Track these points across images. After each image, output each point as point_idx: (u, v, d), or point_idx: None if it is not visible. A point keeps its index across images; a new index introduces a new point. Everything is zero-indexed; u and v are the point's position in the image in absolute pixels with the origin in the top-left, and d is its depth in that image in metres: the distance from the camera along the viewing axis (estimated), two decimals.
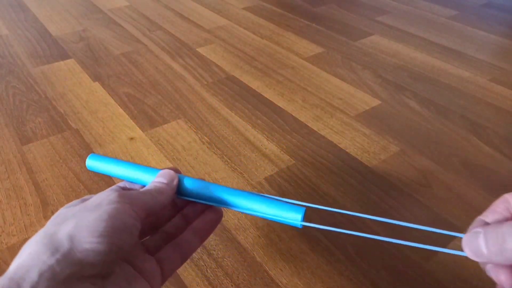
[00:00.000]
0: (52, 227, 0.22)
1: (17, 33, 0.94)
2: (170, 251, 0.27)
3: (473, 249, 0.20)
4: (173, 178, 0.28)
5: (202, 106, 0.68)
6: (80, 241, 0.20)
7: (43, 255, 0.19)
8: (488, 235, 0.20)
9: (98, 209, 0.22)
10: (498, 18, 1.05)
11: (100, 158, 0.31)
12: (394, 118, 0.66)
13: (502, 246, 0.19)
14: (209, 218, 0.30)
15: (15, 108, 0.67)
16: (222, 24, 1.00)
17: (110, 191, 0.24)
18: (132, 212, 0.23)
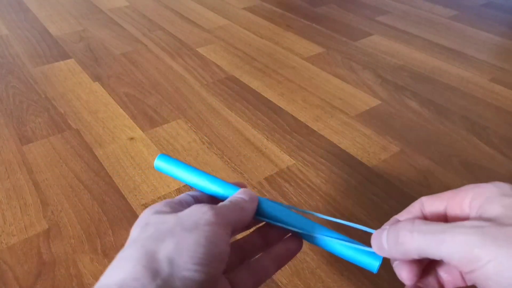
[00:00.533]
0: (150, 243, 0.20)
1: (17, 33, 0.94)
2: (245, 275, 0.26)
3: (377, 244, 0.22)
4: (255, 198, 0.26)
5: (202, 106, 0.68)
6: (179, 266, 0.19)
7: (144, 279, 0.19)
8: (389, 232, 0.21)
9: (196, 230, 0.21)
10: (498, 18, 1.05)
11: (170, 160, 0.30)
12: (394, 118, 0.66)
13: (397, 240, 0.20)
14: (290, 245, 0.28)
15: (15, 108, 0.67)
16: (222, 24, 1.00)
17: (206, 209, 0.22)
18: (226, 236, 0.22)
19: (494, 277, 0.16)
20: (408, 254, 0.19)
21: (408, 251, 0.19)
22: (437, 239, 0.18)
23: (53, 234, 0.46)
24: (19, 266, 0.43)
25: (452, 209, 0.21)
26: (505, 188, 0.20)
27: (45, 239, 0.45)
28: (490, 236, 0.17)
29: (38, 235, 0.46)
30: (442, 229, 0.18)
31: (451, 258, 0.18)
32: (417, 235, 0.19)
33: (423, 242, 0.19)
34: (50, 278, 0.41)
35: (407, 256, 0.20)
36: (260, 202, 0.27)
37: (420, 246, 0.19)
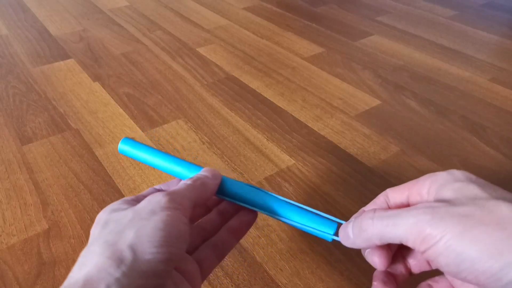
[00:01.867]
0: (111, 237, 0.21)
1: (17, 33, 0.94)
2: (208, 251, 0.27)
3: (343, 234, 0.23)
4: (217, 175, 0.28)
5: (202, 106, 0.68)
6: (142, 252, 0.20)
7: (109, 268, 0.19)
8: (354, 221, 0.22)
9: (153, 217, 0.22)
10: (498, 18, 1.05)
11: (134, 144, 0.30)
12: (394, 118, 0.66)
13: (360, 228, 0.21)
14: (244, 218, 0.30)
15: (15, 108, 0.67)
16: (222, 24, 1.00)
17: (160, 196, 0.23)
18: (184, 217, 0.23)
19: (445, 252, 0.18)
20: (370, 240, 0.21)
21: (370, 237, 0.21)
22: (393, 222, 0.20)
23: (53, 234, 0.46)
24: (19, 266, 0.43)
25: (413, 198, 0.23)
26: (458, 174, 0.21)
27: (45, 239, 0.45)
28: (439, 215, 0.18)
29: (38, 235, 0.46)
30: (397, 213, 0.20)
31: (407, 238, 0.19)
32: (377, 221, 0.20)
33: (381, 227, 0.20)
34: (50, 278, 0.41)
35: (369, 242, 0.21)
36: (223, 181, 0.28)
37: (380, 231, 0.20)
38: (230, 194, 0.29)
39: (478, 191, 0.19)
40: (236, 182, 0.29)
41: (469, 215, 0.18)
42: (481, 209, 0.18)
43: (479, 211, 0.18)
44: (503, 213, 0.18)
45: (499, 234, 0.17)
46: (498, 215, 0.18)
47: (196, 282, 0.25)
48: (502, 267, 0.17)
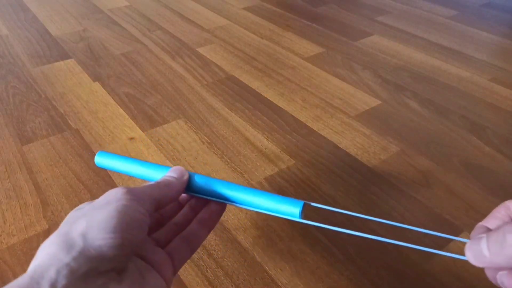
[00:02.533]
0: (65, 228, 0.22)
1: (17, 33, 0.94)
2: (179, 243, 0.28)
3: (475, 253, 0.20)
4: (184, 174, 0.29)
5: (202, 106, 0.68)
6: (93, 238, 0.21)
7: (59, 254, 0.20)
8: (489, 238, 0.19)
9: (107, 207, 0.23)
10: (498, 18, 1.05)
11: (109, 155, 0.32)
12: (394, 118, 0.66)
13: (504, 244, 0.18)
14: (213, 208, 0.31)
15: (15, 108, 0.67)
16: (222, 24, 1.00)
17: (118, 189, 0.24)
18: (140, 207, 0.24)
19: None
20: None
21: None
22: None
23: None
24: (19, 266, 0.43)
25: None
26: None
27: (45, 239, 0.45)
28: None
29: (38, 235, 0.46)
30: None
31: None
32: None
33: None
34: None
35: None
36: (191, 178, 0.30)
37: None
38: (198, 191, 0.30)
39: None
40: (203, 177, 0.30)
41: None
42: None
43: None
44: None
45: None
46: None
47: (166, 272, 0.26)
48: None
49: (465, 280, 0.42)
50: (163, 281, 0.25)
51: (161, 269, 0.26)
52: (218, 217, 0.31)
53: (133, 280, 0.23)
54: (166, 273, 0.26)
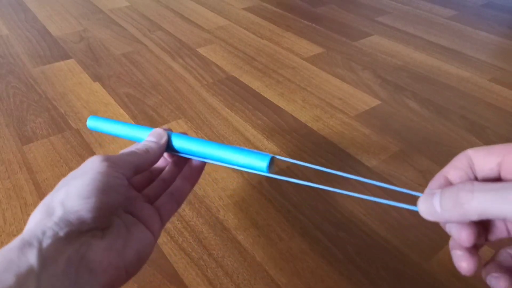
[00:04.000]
0: (48, 198, 0.25)
1: (17, 33, 0.94)
2: (166, 198, 0.31)
3: (426, 207, 0.21)
4: (162, 136, 0.31)
5: (202, 106, 0.68)
6: (70, 205, 0.24)
7: (43, 220, 0.23)
8: (443, 194, 0.20)
9: (84, 176, 0.25)
10: (498, 18, 1.05)
11: (100, 119, 0.36)
12: (394, 118, 0.66)
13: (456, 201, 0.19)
14: (194, 165, 0.33)
15: (15, 108, 0.67)
16: (222, 24, 1.00)
17: (95, 157, 0.27)
18: (115, 173, 0.26)
19: None
20: (467, 215, 0.19)
21: (467, 212, 0.19)
22: (501, 197, 0.17)
23: None
24: None
25: (510, 166, 0.20)
26: None
27: None
28: None
29: None
30: (506, 187, 0.18)
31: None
32: (479, 194, 0.18)
33: (485, 201, 0.18)
34: None
35: (465, 217, 0.19)
36: (170, 139, 0.32)
37: (482, 206, 0.18)
38: (177, 150, 0.32)
39: None
40: (181, 137, 0.32)
41: None
42: None
43: None
44: None
45: None
46: None
47: (153, 225, 0.28)
48: None
49: (465, 280, 0.42)
50: (149, 232, 0.28)
51: (148, 223, 0.28)
52: (200, 172, 0.34)
53: (118, 234, 0.25)
54: (154, 226, 0.28)
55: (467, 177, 0.22)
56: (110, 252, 0.24)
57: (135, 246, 0.26)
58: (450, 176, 0.23)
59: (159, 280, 0.41)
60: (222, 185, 0.53)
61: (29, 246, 0.22)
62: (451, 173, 0.23)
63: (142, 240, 0.27)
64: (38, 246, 0.22)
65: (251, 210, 0.49)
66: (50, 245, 0.22)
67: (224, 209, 0.49)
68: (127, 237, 0.26)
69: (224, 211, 0.49)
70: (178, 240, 0.45)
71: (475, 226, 0.20)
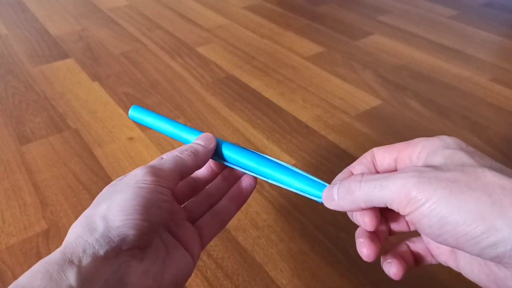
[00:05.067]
0: (89, 211, 0.24)
1: (16, 32, 0.93)
2: (210, 219, 0.29)
3: (327, 196, 0.24)
4: (211, 141, 0.30)
5: (202, 106, 0.68)
6: (112, 220, 0.23)
7: (85, 235, 0.22)
8: (341, 183, 0.23)
9: (127, 190, 0.24)
10: (499, 18, 1.04)
11: (144, 111, 0.34)
12: (395, 118, 0.66)
13: (347, 191, 0.22)
14: (244, 185, 0.31)
15: (14, 108, 0.67)
16: (222, 23, 1.00)
17: (139, 170, 0.25)
18: (159, 187, 0.24)
19: (429, 215, 0.18)
20: (356, 203, 0.21)
21: (356, 200, 0.21)
22: (380, 185, 0.20)
23: (52, 234, 0.46)
24: (18, 267, 0.42)
25: (402, 161, 0.23)
26: (449, 141, 0.21)
27: (44, 239, 0.45)
28: (426, 179, 0.19)
29: (37, 235, 0.46)
30: (385, 176, 0.20)
31: (392, 201, 0.19)
32: (364, 184, 0.21)
33: (368, 190, 0.20)
34: None
35: (355, 204, 0.22)
36: (219, 145, 0.30)
37: (366, 194, 0.21)
38: (226, 159, 0.30)
39: (467, 159, 0.20)
40: (231, 146, 0.30)
41: (455, 180, 0.18)
42: (468, 175, 0.19)
43: (465, 177, 0.19)
44: (489, 180, 0.18)
45: (484, 199, 0.18)
46: (484, 182, 0.18)
47: (193, 248, 0.27)
48: (484, 231, 0.17)
49: (465, 280, 0.42)
50: (190, 257, 0.26)
51: (189, 245, 0.26)
52: (248, 194, 0.31)
53: (157, 256, 0.24)
54: (194, 249, 0.27)
55: (368, 171, 0.24)
56: (148, 276, 0.23)
57: (174, 271, 0.25)
58: (355, 170, 0.25)
59: None
60: None
61: (70, 264, 0.21)
62: (356, 168, 0.25)
63: (182, 265, 0.25)
64: (78, 264, 0.21)
65: (251, 210, 0.49)
66: (89, 264, 0.21)
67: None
68: (165, 260, 0.25)
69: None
70: None
71: (377, 214, 0.23)
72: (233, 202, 0.30)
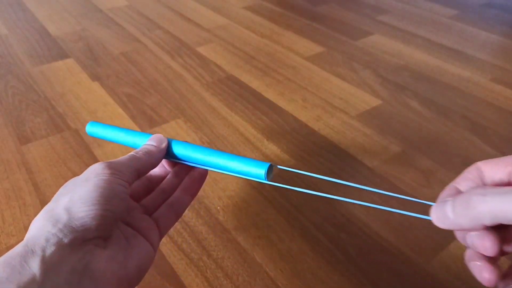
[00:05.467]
0: (51, 204, 0.25)
1: (16, 32, 0.93)
2: (165, 210, 0.31)
3: (439, 215, 0.21)
4: (162, 141, 0.31)
5: (202, 106, 0.68)
6: (75, 211, 0.23)
7: (47, 226, 0.23)
8: (457, 199, 0.20)
9: (87, 182, 0.25)
10: (499, 18, 1.04)
11: (99, 125, 0.35)
12: (395, 118, 0.66)
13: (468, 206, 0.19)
14: (196, 175, 0.33)
15: (14, 108, 0.67)
16: (222, 23, 1.00)
17: (97, 165, 0.26)
18: (118, 179, 0.26)
19: None
20: (479, 219, 0.19)
21: (480, 215, 0.19)
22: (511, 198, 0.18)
23: None
24: None
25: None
26: None
27: None
28: None
29: None
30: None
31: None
32: (491, 198, 0.18)
33: (497, 203, 0.18)
34: None
35: (478, 221, 0.19)
36: (170, 145, 0.31)
37: (494, 209, 0.18)
38: (176, 156, 0.31)
39: None
40: (180, 143, 0.31)
41: None
42: None
43: None
44: None
45: None
46: None
47: (152, 237, 0.28)
48: None
49: (465, 280, 0.42)
50: (149, 245, 0.27)
51: (147, 235, 0.28)
52: (200, 184, 0.33)
53: (119, 246, 0.25)
54: (153, 238, 0.28)
55: None
56: (113, 262, 0.24)
57: (136, 258, 0.26)
58: (461, 187, 0.23)
59: (158, 281, 0.41)
60: (222, 186, 0.52)
61: (32, 254, 0.21)
62: (462, 184, 0.23)
63: (143, 252, 0.27)
64: (41, 254, 0.21)
65: (251, 210, 0.49)
66: (53, 253, 0.22)
67: (224, 209, 0.49)
68: (127, 249, 0.26)
69: (224, 211, 0.49)
70: (178, 241, 0.45)
71: (498, 236, 0.20)
72: (187, 193, 0.32)
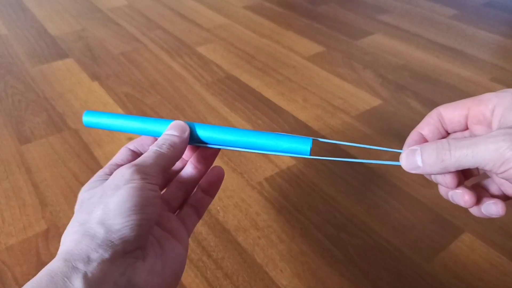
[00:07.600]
0: (83, 216, 0.23)
1: (16, 32, 0.93)
2: (188, 210, 0.30)
3: (409, 162, 0.24)
4: (185, 129, 0.28)
5: (202, 106, 0.68)
6: (111, 225, 0.22)
7: (85, 241, 0.22)
8: (424, 150, 0.23)
9: (117, 192, 0.23)
10: (499, 18, 1.04)
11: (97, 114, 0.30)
12: (395, 118, 0.66)
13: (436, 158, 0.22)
14: (213, 175, 0.31)
15: (14, 108, 0.67)
16: (222, 23, 1.00)
17: (125, 170, 0.25)
18: (149, 184, 0.24)
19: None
20: (447, 169, 0.22)
21: (448, 166, 0.22)
22: (472, 152, 0.21)
23: (52, 234, 0.46)
24: (18, 267, 0.42)
25: (475, 117, 0.24)
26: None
27: (44, 239, 0.45)
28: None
29: (37, 235, 0.46)
30: (474, 142, 0.21)
31: (485, 164, 0.21)
32: (454, 152, 0.22)
33: (460, 157, 0.22)
34: None
35: (446, 170, 0.23)
36: (192, 129, 0.28)
37: (458, 161, 0.22)
38: (201, 141, 0.29)
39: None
40: (204, 127, 0.29)
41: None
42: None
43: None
44: None
45: None
46: None
47: (182, 237, 0.27)
48: None
49: (465, 280, 0.42)
50: (181, 246, 0.26)
51: (178, 236, 0.27)
52: (218, 184, 0.32)
53: (155, 253, 0.24)
54: (184, 239, 0.27)
55: (438, 131, 0.25)
56: (153, 275, 0.23)
57: (171, 263, 0.25)
58: (424, 131, 0.26)
59: None
60: (222, 186, 0.52)
61: (75, 271, 0.21)
62: (425, 129, 0.26)
63: (176, 256, 0.26)
64: (84, 270, 0.21)
65: (251, 211, 0.49)
66: (96, 269, 0.21)
67: (223, 210, 0.49)
68: (163, 255, 0.25)
69: (224, 212, 0.49)
70: None
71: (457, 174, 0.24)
72: (207, 193, 0.31)
